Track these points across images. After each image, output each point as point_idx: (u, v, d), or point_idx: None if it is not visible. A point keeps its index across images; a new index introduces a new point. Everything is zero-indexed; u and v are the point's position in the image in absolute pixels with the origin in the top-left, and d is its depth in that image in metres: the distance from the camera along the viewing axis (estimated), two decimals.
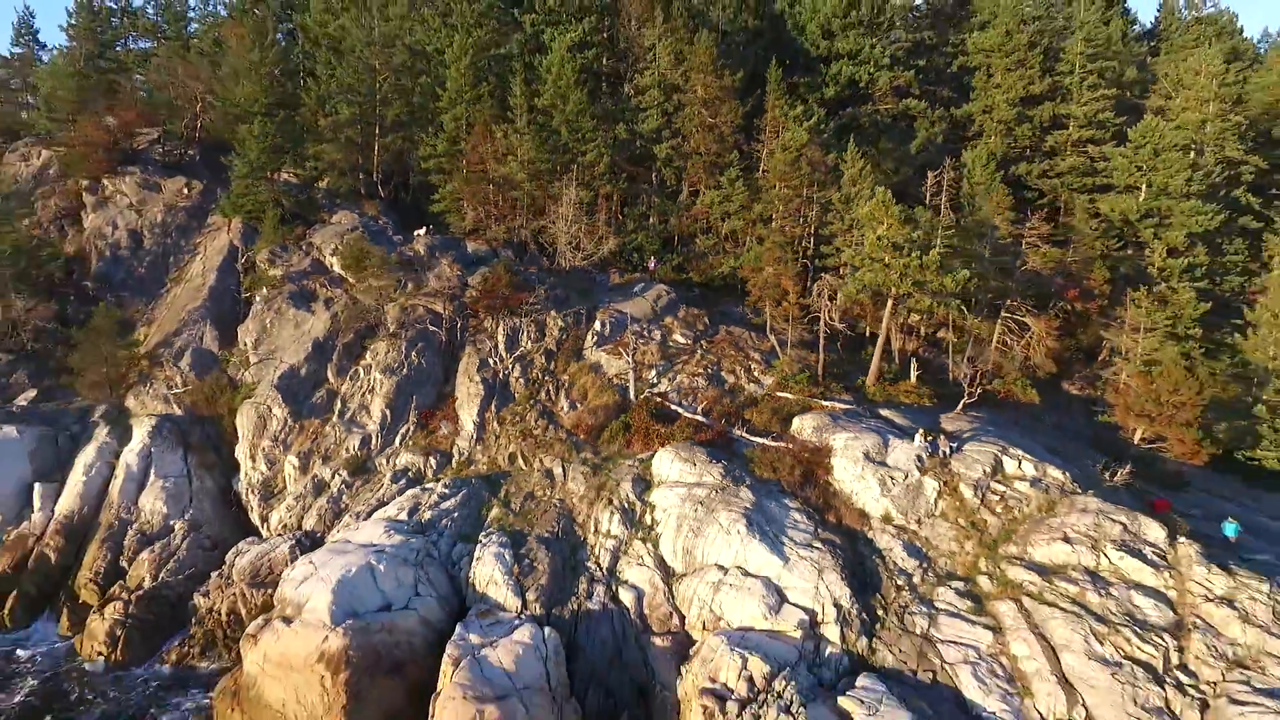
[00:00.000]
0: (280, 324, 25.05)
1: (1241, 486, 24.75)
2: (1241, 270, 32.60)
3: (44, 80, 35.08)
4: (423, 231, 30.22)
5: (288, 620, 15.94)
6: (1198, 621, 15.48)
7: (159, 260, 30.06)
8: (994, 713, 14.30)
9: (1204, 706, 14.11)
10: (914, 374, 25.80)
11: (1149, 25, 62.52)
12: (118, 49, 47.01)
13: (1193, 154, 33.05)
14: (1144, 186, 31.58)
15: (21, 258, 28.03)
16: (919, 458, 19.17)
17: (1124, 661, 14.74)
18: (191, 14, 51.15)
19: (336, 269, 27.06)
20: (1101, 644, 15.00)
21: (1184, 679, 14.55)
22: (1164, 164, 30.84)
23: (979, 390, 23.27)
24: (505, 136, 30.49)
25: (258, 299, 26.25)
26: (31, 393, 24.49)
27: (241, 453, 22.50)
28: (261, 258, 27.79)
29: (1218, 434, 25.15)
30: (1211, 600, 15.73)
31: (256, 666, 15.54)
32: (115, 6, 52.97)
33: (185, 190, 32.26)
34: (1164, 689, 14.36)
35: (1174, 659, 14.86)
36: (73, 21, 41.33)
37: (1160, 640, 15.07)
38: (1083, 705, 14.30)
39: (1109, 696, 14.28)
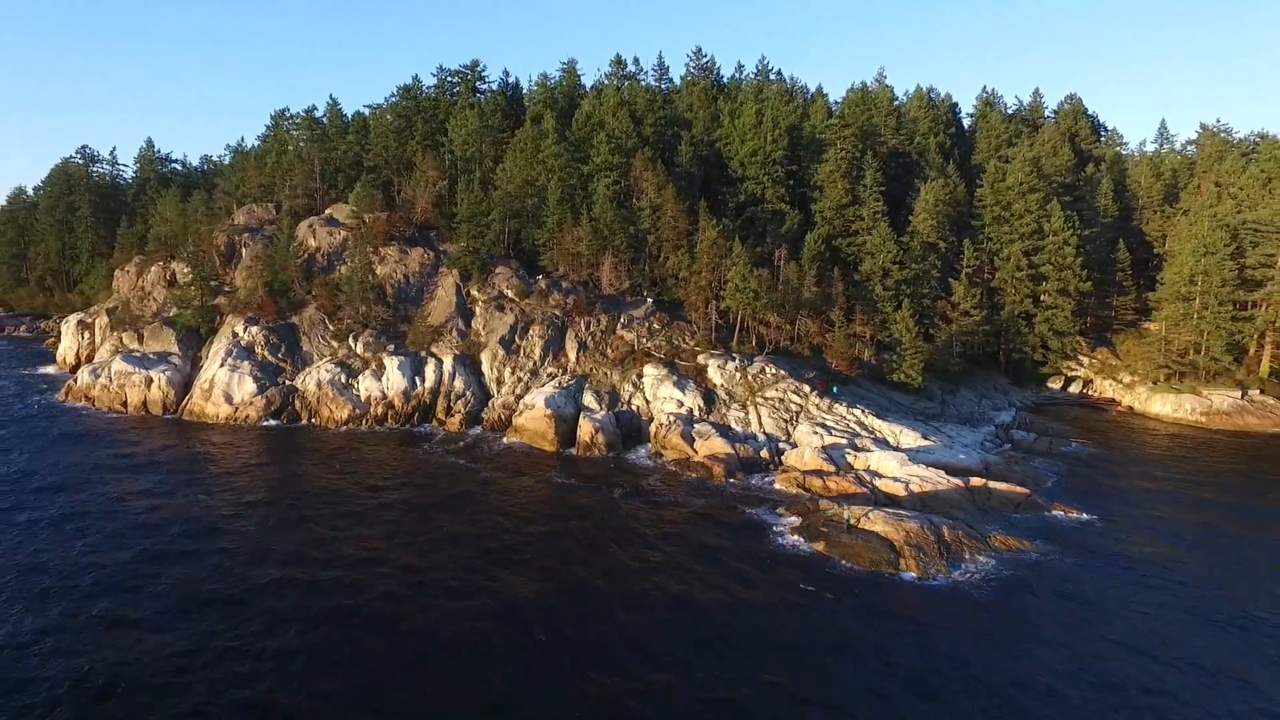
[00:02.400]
0: (491, 319, 62.41)
1: (887, 388, 61.56)
2: (932, 298, 69.77)
3: (354, 199, 72.18)
4: (540, 277, 67.43)
5: (530, 409, 53.41)
6: (807, 411, 52.64)
7: (420, 289, 67.35)
8: (739, 428, 51.50)
9: (794, 425, 51.24)
10: (754, 340, 62.88)
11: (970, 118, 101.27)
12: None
13: (908, 238, 70.26)
14: (879, 257, 68.57)
15: (356, 284, 65.22)
16: (736, 365, 56.43)
17: (781, 420, 51.89)
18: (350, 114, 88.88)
19: (510, 295, 64.37)
20: (774, 414, 52.21)
21: (795, 422, 51.72)
22: (884, 249, 67.77)
23: (773, 347, 60.62)
24: (577, 232, 67.48)
25: (477, 308, 63.58)
26: (391, 345, 61.83)
27: (485, 367, 59.86)
28: (474, 289, 65.15)
29: (885, 368, 62.38)
30: (813, 405, 52.94)
31: (522, 419, 53.04)
32: (301, 114, 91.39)
33: (425, 255, 69.56)
34: (789, 426, 51.54)
35: (796, 418, 51.99)
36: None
37: (793, 415, 52.26)
38: (764, 426, 51.43)
39: (773, 424, 51.40)
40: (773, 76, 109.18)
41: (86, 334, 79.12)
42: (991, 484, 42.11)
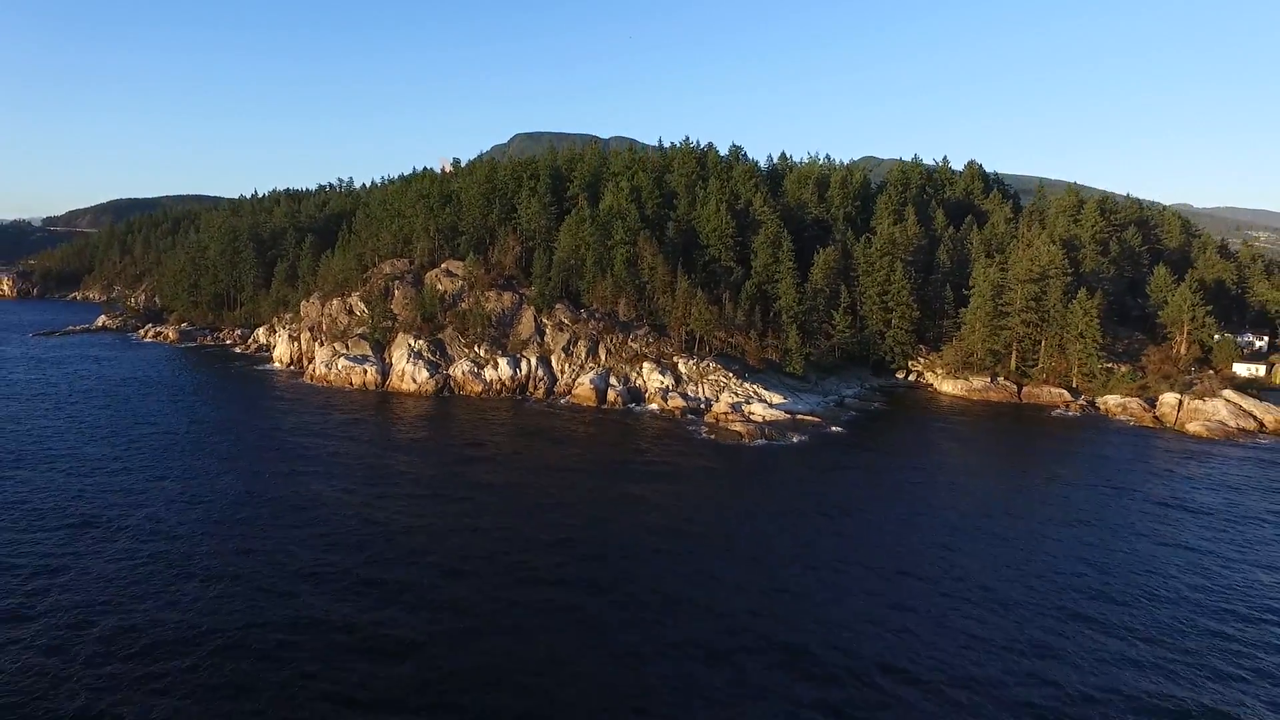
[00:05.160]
0: (556, 336, 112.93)
1: (782, 376, 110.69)
2: (819, 322, 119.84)
3: (467, 264, 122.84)
4: (583, 310, 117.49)
5: (581, 385, 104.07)
6: (729, 386, 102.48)
7: (511, 318, 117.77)
8: (692, 394, 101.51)
9: (721, 393, 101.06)
10: (708, 348, 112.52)
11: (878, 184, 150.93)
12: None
13: (809, 285, 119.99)
14: (786, 299, 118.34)
15: (475, 315, 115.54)
16: (694, 362, 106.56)
17: (715, 390, 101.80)
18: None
19: (566, 322, 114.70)
20: (711, 387, 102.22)
21: (722, 392, 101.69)
22: (789, 294, 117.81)
23: (716, 352, 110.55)
24: (604, 283, 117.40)
25: (548, 329, 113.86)
26: (499, 351, 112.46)
27: (554, 363, 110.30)
28: (544, 318, 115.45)
29: (785, 362, 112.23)
30: (733, 383, 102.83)
31: (576, 391, 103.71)
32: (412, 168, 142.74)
33: (513, 296, 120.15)
34: (718, 393, 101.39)
35: (723, 390, 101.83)
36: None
37: (721, 388, 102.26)
38: (705, 393, 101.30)
39: (709, 392, 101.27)
40: (741, 159, 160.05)
41: (295, 343, 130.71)
42: (806, 418, 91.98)
